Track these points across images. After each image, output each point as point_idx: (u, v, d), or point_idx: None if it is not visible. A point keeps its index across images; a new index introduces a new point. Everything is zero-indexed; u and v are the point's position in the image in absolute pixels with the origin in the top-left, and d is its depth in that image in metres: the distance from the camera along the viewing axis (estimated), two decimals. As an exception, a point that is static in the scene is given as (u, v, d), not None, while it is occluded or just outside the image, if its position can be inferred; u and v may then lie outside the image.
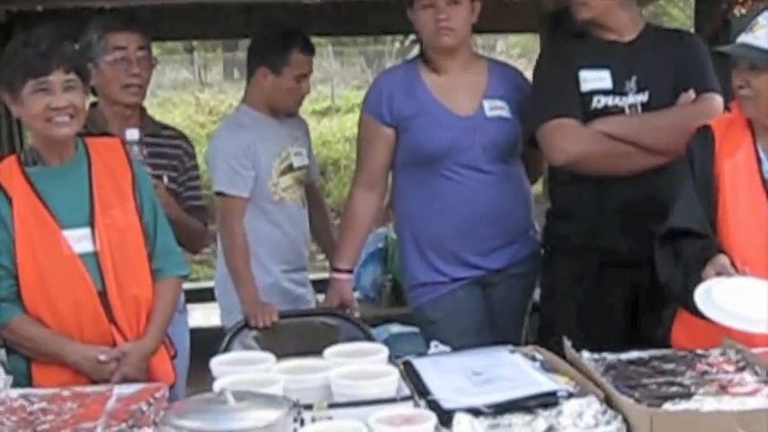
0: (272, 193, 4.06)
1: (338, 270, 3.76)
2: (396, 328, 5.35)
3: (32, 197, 2.91)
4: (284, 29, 4.14)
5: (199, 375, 3.58)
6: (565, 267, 3.60)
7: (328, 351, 2.64)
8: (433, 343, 2.81)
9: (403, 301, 4.24)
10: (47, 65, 2.86)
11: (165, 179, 3.51)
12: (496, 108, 3.62)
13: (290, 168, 4.09)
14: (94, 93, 3.53)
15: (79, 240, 2.91)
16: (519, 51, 20.35)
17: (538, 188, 4.49)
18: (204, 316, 5.90)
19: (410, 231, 3.70)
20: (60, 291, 2.88)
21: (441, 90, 3.63)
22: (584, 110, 3.41)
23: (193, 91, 19.36)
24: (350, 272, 3.77)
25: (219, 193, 4.00)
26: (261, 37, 4.16)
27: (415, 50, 3.94)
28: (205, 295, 6.01)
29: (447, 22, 3.52)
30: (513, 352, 2.71)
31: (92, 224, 2.93)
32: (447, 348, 2.77)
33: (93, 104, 3.56)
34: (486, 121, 3.59)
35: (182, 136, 3.77)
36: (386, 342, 5.17)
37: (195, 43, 18.40)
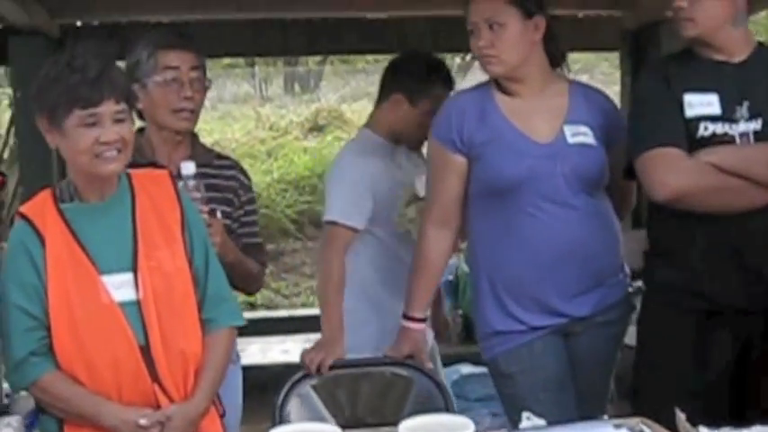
0: (398, 225, 3.74)
1: (410, 318, 3.37)
2: (467, 369, 5.03)
3: (68, 237, 2.58)
4: (431, 58, 3.84)
5: (254, 416, 3.26)
6: (665, 317, 3.19)
7: (404, 425, 2.27)
8: (525, 414, 2.44)
9: (474, 339, 3.83)
10: (97, 95, 2.51)
11: (219, 214, 3.15)
12: (579, 134, 3.23)
13: (416, 198, 3.74)
14: (141, 116, 3.19)
15: (120, 287, 2.58)
16: (580, 67, 19.87)
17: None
18: (261, 351, 5.49)
19: (485, 271, 3.31)
20: (97, 344, 2.54)
21: (516, 114, 3.25)
22: (689, 138, 3.00)
23: (254, 105, 19.15)
24: (423, 320, 3.39)
25: (331, 222, 3.64)
26: (404, 61, 3.84)
27: (476, 66, 3.64)
28: (263, 327, 5.70)
29: (488, 50, 3.17)
30: (618, 427, 2.34)
31: (134, 269, 2.59)
32: (541, 421, 2.40)
33: (140, 130, 3.23)
34: (568, 149, 3.20)
35: (237, 166, 3.39)
36: (456, 384, 4.86)
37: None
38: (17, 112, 5.62)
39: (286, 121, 16.09)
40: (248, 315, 3.01)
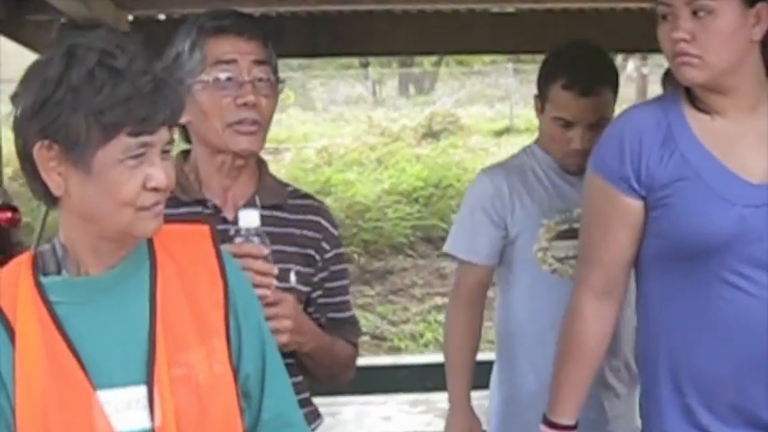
0: (539, 262, 2.98)
1: (554, 425, 2.47)
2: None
3: (50, 330, 1.71)
4: (566, 47, 3.15)
5: None
6: None
7: None
8: None
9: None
10: (157, 115, 1.67)
11: (293, 277, 2.24)
12: None
13: (571, 233, 2.91)
14: (185, 135, 2.31)
15: (126, 409, 1.71)
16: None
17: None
18: (357, 417, 4.56)
19: (666, 364, 2.39)
20: (92, 500, 1.67)
21: (717, 141, 2.32)
22: None
23: (366, 108, 18.66)
24: (573, 429, 2.47)
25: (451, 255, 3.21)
26: (551, 53, 3.12)
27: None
28: (362, 381, 4.84)
29: (687, 45, 2.23)
30: None
31: (149, 380, 1.72)
32: None
33: (184, 152, 2.34)
34: None
35: (321, 209, 2.43)
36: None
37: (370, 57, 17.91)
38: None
39: (398, 126, 15.61)
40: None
